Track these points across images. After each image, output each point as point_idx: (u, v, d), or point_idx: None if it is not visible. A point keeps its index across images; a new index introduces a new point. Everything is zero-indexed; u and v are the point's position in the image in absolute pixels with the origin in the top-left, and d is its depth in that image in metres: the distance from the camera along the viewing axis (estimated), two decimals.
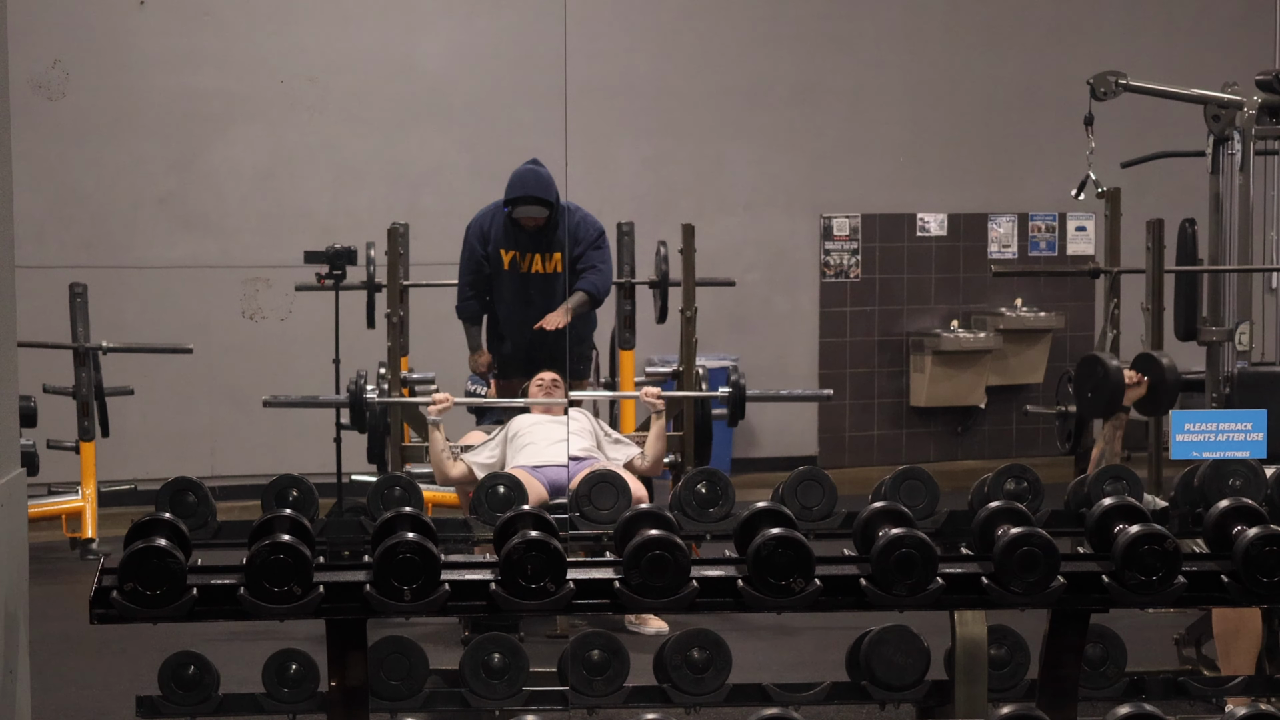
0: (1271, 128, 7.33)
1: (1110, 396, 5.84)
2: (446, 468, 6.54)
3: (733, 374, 7.12)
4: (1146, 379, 6.02)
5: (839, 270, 10.75)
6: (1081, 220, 11.06)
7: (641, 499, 5.52)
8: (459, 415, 7.60)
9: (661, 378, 7.61)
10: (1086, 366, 6.08)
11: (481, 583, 3.57)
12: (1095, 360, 6.03)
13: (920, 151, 10.77)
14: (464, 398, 7.57)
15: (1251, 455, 4.19)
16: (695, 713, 4.38)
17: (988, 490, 4.44)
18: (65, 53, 9.47)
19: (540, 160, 7.30)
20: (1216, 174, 7.50)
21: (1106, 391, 5.86)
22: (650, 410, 6.73)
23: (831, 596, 3.61)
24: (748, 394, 7.11)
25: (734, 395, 7.06)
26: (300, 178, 9.84)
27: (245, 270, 9.50)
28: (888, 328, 10.83)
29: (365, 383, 6.97)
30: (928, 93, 10.79)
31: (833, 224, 10.72)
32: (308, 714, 4.40)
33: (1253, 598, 3.68)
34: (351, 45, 9.88)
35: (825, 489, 4.42)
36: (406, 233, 7.56)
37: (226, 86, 9.71)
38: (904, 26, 10.77)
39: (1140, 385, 5.96)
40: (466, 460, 6.56)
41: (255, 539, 3.58)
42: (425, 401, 6.74)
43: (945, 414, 10.88)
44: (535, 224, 7.22)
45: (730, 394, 7.06)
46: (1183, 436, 4.15)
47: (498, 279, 7.36)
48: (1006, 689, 4.39)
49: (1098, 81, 7.67)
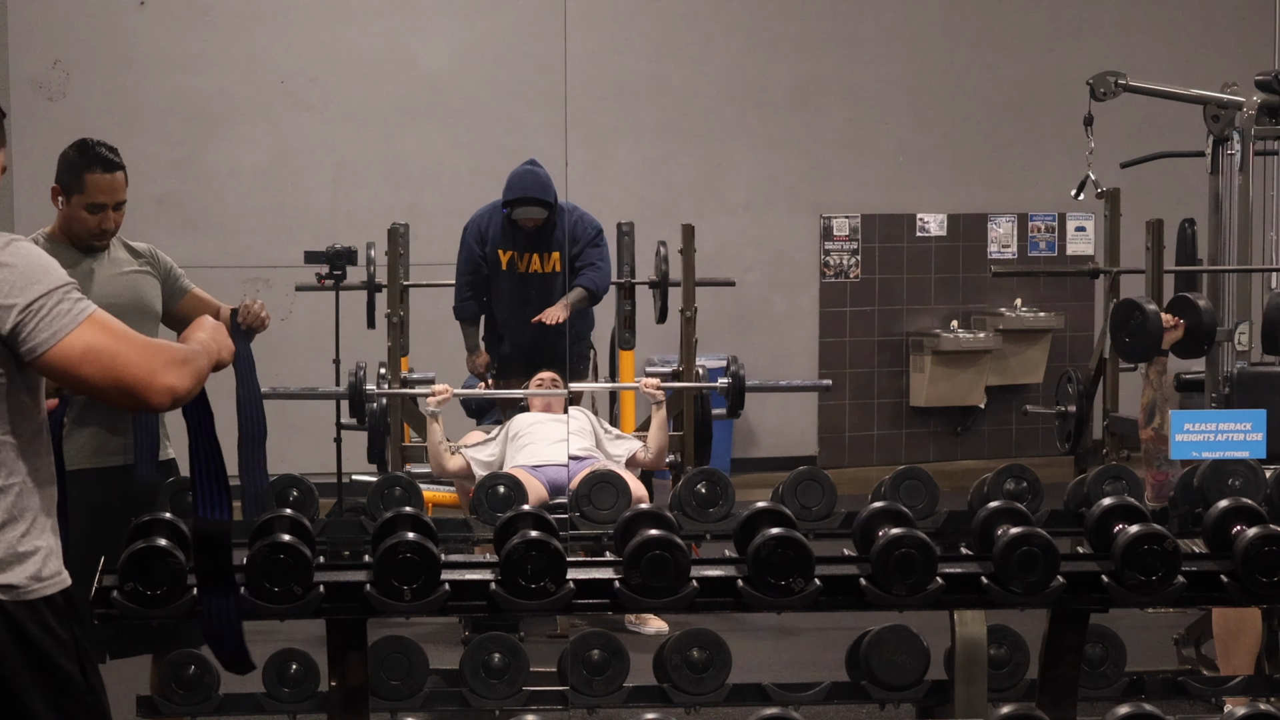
0: (1271, 128, 7.33)
1: (1150, 339, 5.81)
2: (444, 460, 6.53)
3: (731, 365, 7.12)
4: (1183, 322, 5.99)
5: (839, 270, 10.75)
6: (1081, 220, 11.06)
7: (641, 499, 5.52)
8: (460, 420, 7.60)
9: (662, 377, 7.61)
10: (1124, 311, 6.02)
11: (481, 583, 3.57)
12: (1133, 304, 5.98)
13: (920, 151, 10.77)
14: (463, 389, 7.55)
15: (1251, 455, 4.19)
16: (695, 713, 4.38)
17: (987, 490, 4.44)
18: (65, 53, 9.47)
19: (539, 161, 7.31)
20: (1216, 174, 7.50)
21: (1146, 335, 5.83)
22: (650, 401, 6.73)
23: (831, 596, 3.61)
24: (747, 385, 7.11)
25: (733, 386, 7.06)
26: (300, 178, 9.84)
27: (245, 270, 9.50)
28: (888, 328, 10.83)
29: (365, 375, 6.97)
30: (928, 93, 10.79)
31: (833, 224, 10.72)
32: (308, 714, 4.41)
33: (1252, 598, 3.68)
34: (351, 45, 9.88)
35: (825, 489, 4.42)
36: (406, 233, 7.56)
37: (226, 87, 9.71)
38: (904, 26, 10.78)
39: (1177, 328, 5.93)
40: (466, 455, 6.56)
41: (255, 539, 3.58)
42: (424, 393, 6.74)
43: (945, 414, 10.88)
44: (534, 225, 7.23)
45: (730, 385, 7.06)
46: (1182, 436, 4.15)
47: (496, 279, 7.36)
48: (1006, 689, 4.40)
49: (1098, 82, 7.67)
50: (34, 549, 2.77)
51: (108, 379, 2.71)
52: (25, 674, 2.73)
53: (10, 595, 2.73)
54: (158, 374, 2.74)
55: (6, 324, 2.70)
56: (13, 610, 2.73)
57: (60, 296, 2.72)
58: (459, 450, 6.59)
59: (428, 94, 9.96)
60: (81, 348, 2.71)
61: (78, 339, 2.71)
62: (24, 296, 2.70)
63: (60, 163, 4.56)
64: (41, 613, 2.76)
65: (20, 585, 2.74)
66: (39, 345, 2.70)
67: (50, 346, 2.70)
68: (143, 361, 2.74)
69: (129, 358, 2.73)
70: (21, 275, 2.72)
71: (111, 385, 2.71)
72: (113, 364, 2.71)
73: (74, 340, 2.71)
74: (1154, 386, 5.59)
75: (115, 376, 2.72)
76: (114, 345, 2.73)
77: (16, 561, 2.75)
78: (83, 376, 2.72)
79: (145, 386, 2.73)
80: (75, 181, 4.52)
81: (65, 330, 2.70)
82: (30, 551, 2.77)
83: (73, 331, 2.71)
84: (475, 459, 6.53)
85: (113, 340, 2.73)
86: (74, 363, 2.71)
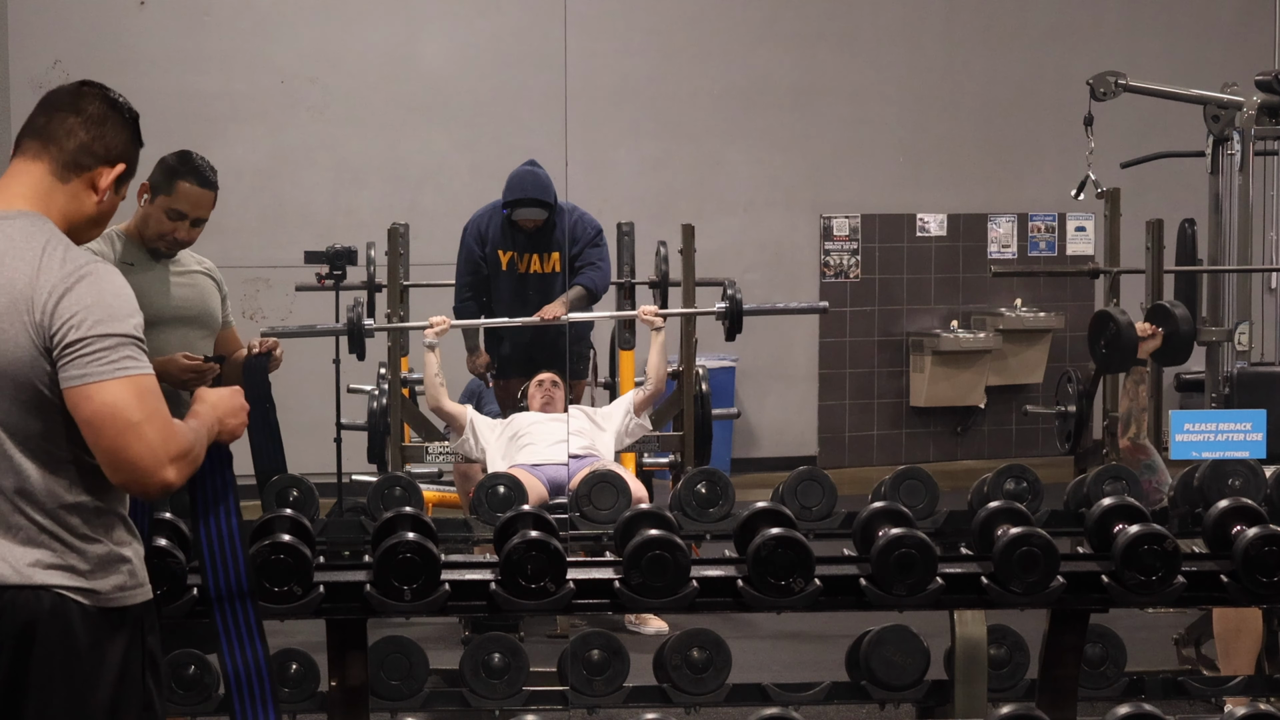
0: (1271, 128, 7.33)
1: (1124, 349, 5.83)
2: (439, 395, 6.59)
3: (729, 288, 7.14)
4: (1160, 330, 6.01)
5: (839, 270, 10.75)
6: (1081, 220, 11.06)
7: (641, 499, 5.53)
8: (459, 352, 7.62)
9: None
10: (1099, 322, 6.06)
11: (481, 583, 3.57)
12: (1106, 316, 6.01)
13: (920, 152, 10.76)
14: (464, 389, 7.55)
15: (1251, 455, 4.19)
16: (695, 713, 4.38)
17: (987, 490, 4.44)
18: (65, 53, 9.46)
19: (539, 161, 7.31)
20: (1216, 174, 7.50)
21: (1121, 345, 5.85)
22: (650, 330, 6.81)
23: (831, 596, 3.62)
24: (745, 309, 7.14)
25: (730, 310, 7.09)
26: (300, 178, 9.84)
27: (245, 270, 9.49)
28: (888, 328, 10.83)
29: (364, 312, 7.10)
30: (928, 93, 10.79)
31: (833, 224, 10.72)
32: (308, 714, 4.41)
33: (1252, 598, 3.68)
34: (352, 45, 9.88)
35: (825, 489, 4.42)
36: (406, 233, 7.56)
37: (227, 87, 9.71)
38: (904, 26, 10.77)
39: (1155, 337, 5.95)
40: (471, 411, 6.62)
41: (255, 539, 3.58)
42: (423, 326, 6.79)
43: (945, 414, 10.88)
44: (534, 225, 7.23)
45: (727, 309, 7.09)
46: (1182, 436, 4.15)
47: (496, 279, 7.36)
48: (1006, 689, 4.39)
49: (1098, 81, 7.67)
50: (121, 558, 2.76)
51: (114, 447, 2.64)
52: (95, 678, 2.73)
53: (93, 601, 2.72)
54: (163, 468, 2.66)
55: (54, 346, 2.65)
56: (92, 609, 2.71)
57: (114, 343, 2.66)
58: (468, 411, 6.65)
59: (428, 94, 9.96)
60: (101, 403, 2.64)
61: (106, 394, 2.64)
62: (79, 329, 2.65)
63: (158, 164, 4.65)
64: (114, 620, 2.74)
65: (104, 592, 2.73)
66: (67, 379, 2.65)
67: (75, 385, 2.64)
68: (155, 448, 2.65)
69: (146, 436, 2.64)
70: (99, 307, 2.67)
71: (114, 455, 2.64)
72: (124, 435, 2.63)
73: (102, 391, 2.64)
74: (1130, 396, 5.60)
75: (123, 449, 2.63)
76: (137, 416, 2.64)
77: (101, 570, 2.73)
78: (93, 430, 2.64)
79: (146, 475, 2.66)
80: (167, 184, 4.63)
81: (100, 377, 2.64)
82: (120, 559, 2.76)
83: (106, 383, 2.64)
84: (476, 422, 6.59)
85: (139, 409, 2.65)
86: (90, 414, 2.64)
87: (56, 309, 2.67)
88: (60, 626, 2.70)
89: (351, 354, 7.28)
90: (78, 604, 2.71)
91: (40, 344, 2.67)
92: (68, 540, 2.72)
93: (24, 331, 2.68)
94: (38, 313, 2.67)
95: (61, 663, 2.70)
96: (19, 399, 2.69)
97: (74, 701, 2.72)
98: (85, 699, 2.72)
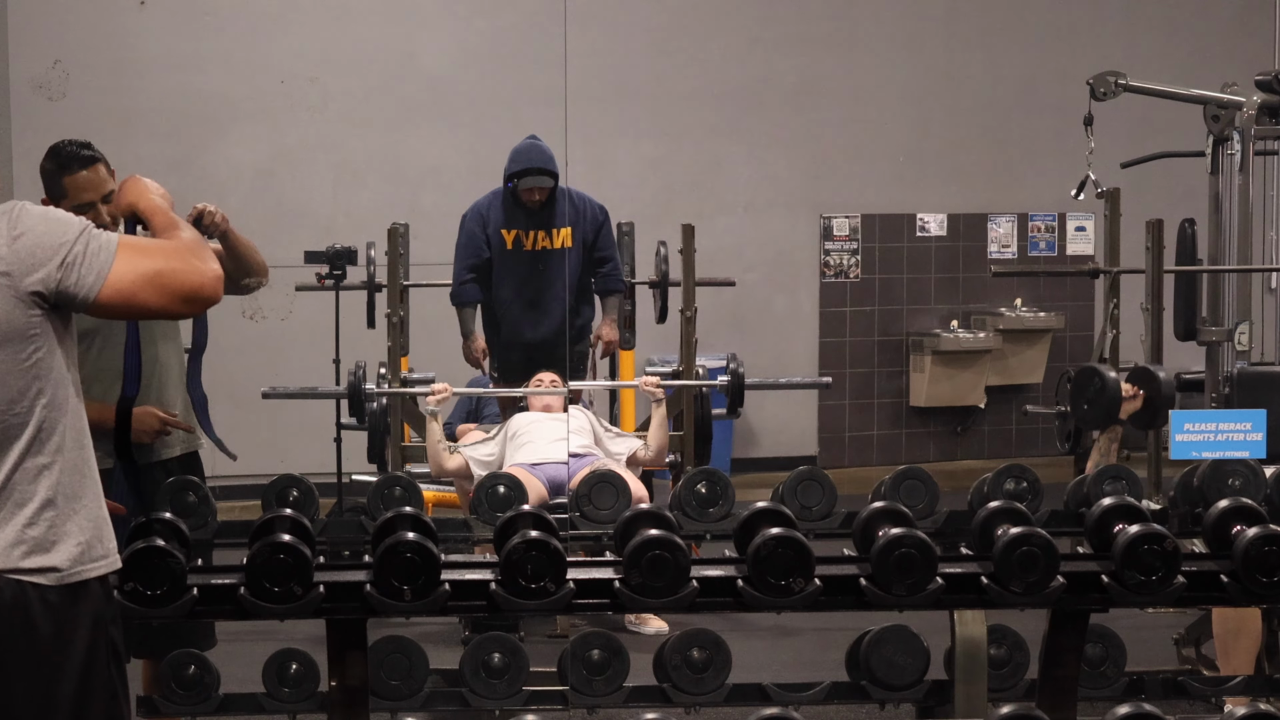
0: (1271, 128, 7.33)
1: (1106, 408, 5.86)
2: (443, 460, 6.53)
3: (731, 363, 7.12)
4: (1142, 393, 6.04)
5: (839, 270, 10.75)
6: (1081, 220, 11.06)
7: (641, 499, 5.52)
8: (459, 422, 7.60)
9: (661, 377, 7.61)
10: (1084, 377, 6.11)
11: (481, 583, 3.57)
12: (1093, 371, 6.04)
13: (920, 151, 10.76)
14: (463, 388, 7.55)
15: (1251, 455, 4.19)
16: (695, 713, 4.38)
17: (987, 490, 4.44)
18: (65, 53, 9.46)
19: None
20: (1216, 174, 7.50)
21: (1103, 403, 5.88)
22: (650, 400, 6.73)
23: (831, 596, 3.62)
24: (747, 383, 7.11)
25: (733, 384, 7.07)
26: (300, 178, 9.83)
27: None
28: (888, 328, 10.82)
29: (364, 374, 6.97)
30: (928, 93, 10.79)
31: (833, 224, 10.72)
32: (308, 714, 4.41)
33: (1252, 598, 3.68)
34: (351, 45, 9.88)
35: (825, 489, 4.42)
36: (406, 233, 7.56)
37: (227, 87, 9.70)
38: (904, 26, 10.77)
39: (1136, 399, 5.98)
40: (465, 454, 6.55)
41: (256, 539, 3.58)
42: (424, 392, 6.74)
43: (945, 414, 10.88)
44: (540, 196, 7.17)
45: (729, 383, 7.07)
46: (1182, 436, 4.15)
47: (501, 260, 7.29)
48: (1006, 689, 4.39)
49: (1098, 81, 7.67)
50: (75, 528, 2.75)
51: (166, 296, 2.75)
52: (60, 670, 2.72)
53: (51, 579, 2.71)
54: (204, 269, 2.78)
55: (51, 285, 2.71)
56: (52, 596, 2.70)
57: (86, 239, 2.74)
58: (457, 450, 6.59)
59: (428, 94, 9.96)
60: (130, 276, 2.73)
61: (123, 270, 2.73)
62: (55, 254, 2.71)
63: (41, 175, 4.52)
64: (80, 596, 2.73)
65: (63, 568, 2.72)
66: (89, 290, 2.72)
67: (100, 287, 2.72)
68: (187, 265, 2.77)
69: (174, 267, 2.76)
70: (42, 236, 2.73)
71: (172, 300, 2.75)
72: (165, 281, 2.75)
73: (120, 272, 2.73)
74: (1102, 452, 5.61)
75: (173, 291, 2.75)
76: (155, 262, 2.76)
77: (60, 541, 2.73)
78: (141, 302, 2.76)
79: (200, 287, 2.77)
80: (56, 188, 4.48)
81: (107, 266, 2.72)
82: (71, 532, 2.74)
83: (114, 266, 2.73)
84: (474, 458, 6.52)
85: (151, 258, 2.76)
86: (130, 292, 2.74)
87: (15, 252, 2.71)
88: (21, 619, 2.68)
89: (352, 416, 7.26)
90: (36, 588, 2.69)
91: (21, 293, 2.70)
92: (25, 504, 2.71)
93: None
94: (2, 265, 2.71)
95: (25, 655, 2.69)
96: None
97: (40, 694, 2.71)
98: (51, 691, 2.71)
